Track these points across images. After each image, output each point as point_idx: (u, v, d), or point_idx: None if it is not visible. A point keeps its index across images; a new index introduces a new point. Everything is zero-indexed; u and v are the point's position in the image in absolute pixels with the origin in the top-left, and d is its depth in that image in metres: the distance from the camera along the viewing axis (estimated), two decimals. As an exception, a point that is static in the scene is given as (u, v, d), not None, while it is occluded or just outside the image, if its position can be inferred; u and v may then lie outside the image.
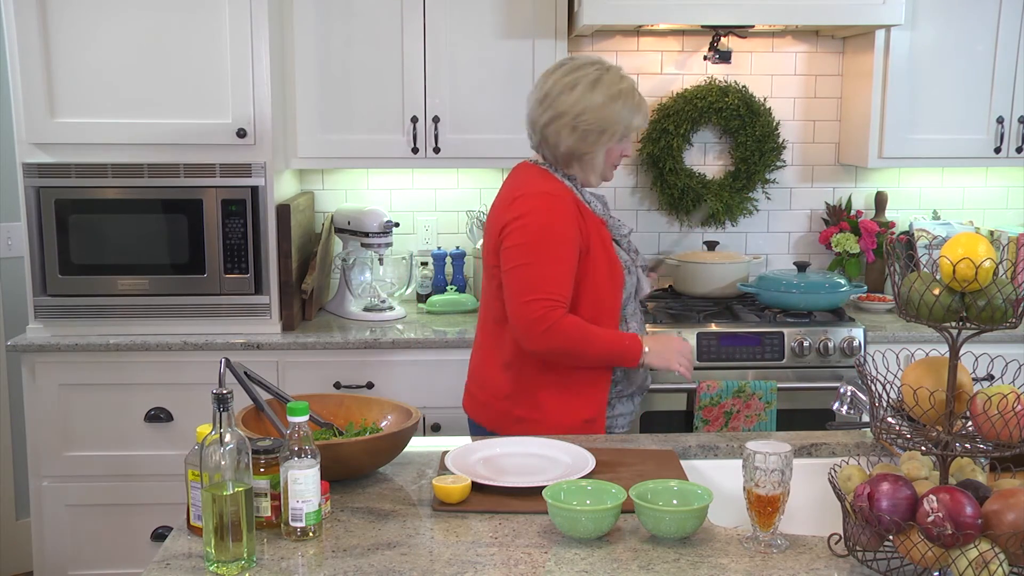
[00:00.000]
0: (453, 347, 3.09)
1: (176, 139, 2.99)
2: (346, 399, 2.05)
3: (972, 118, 3.35)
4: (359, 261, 3.39)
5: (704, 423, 3.02)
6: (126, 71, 2.96)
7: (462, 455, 1.92)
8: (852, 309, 3.44)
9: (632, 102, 2.28)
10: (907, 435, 1.51)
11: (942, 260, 1.44)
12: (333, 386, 3.07)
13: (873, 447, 2.04)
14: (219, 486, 1.49)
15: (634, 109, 2.28)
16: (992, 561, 1.34)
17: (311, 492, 1.58)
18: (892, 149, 3.36)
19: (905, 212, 3.72)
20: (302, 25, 3.19)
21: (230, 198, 3.01)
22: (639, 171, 3.68)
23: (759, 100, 3.59)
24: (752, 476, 1.58)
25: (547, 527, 1.65)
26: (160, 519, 3.09)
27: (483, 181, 3.64)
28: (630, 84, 2.30)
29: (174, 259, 3.04)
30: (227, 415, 1.50)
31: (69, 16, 2.92)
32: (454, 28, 3.23)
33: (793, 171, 3.71)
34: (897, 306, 1.52)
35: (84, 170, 2.98)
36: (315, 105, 3.24)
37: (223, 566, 1.49)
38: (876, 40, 3.31)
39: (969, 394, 1.51)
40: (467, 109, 3.27)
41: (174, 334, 3.05)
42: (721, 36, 3.41)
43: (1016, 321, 1.45)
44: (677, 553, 1.56)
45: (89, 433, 3.05)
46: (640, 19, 3.18)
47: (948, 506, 1.35)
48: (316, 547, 1.59)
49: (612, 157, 2.33)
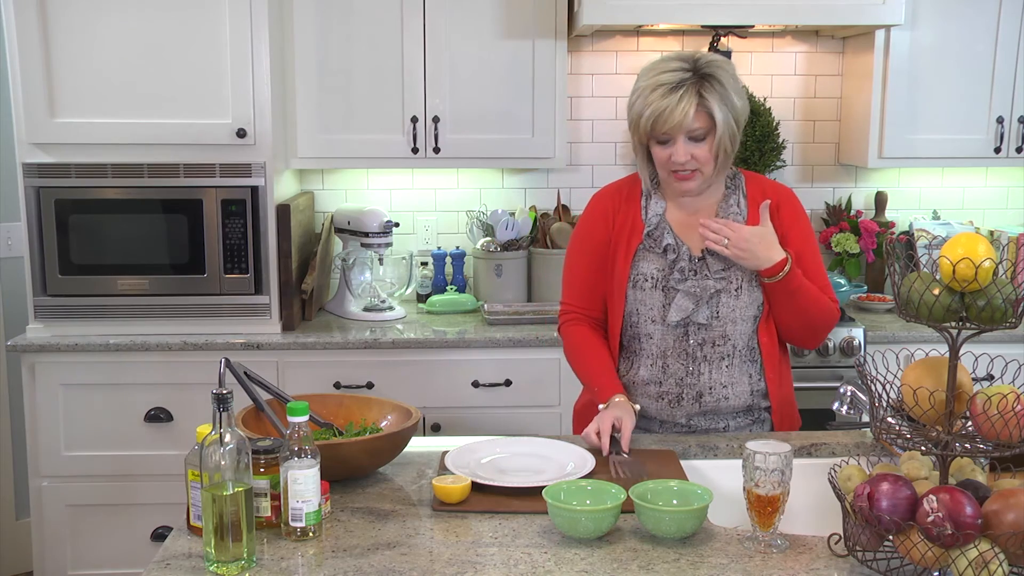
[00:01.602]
0: (453, 347, 3.09)
1: (176, 139, 2.99)
2: (346, 399, 2.05)
3: (972, 118, 3.35)
4: (359, 261, 3.39)
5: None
6: (126, 71, 2.96)
7: (462, 455, 1.92)
8: (852, 309, 3.44)
9: (640, 92, 2.04)
10: (907, 435, 1.51)
11: (942, 260, 1.43)
12: (333, 386, 3.07)
13: (873, 447, 2.04)
14: (219, 486, 1.49)
15: (639, 99, 2.04)
16: (992, 561, 1.34)
17: (311, 492, 1.58)
18: (892, 149, 3.36)
19: (905, 212, 3.72)
20: (302, 25, 3.19)
21: (230, 198, 3.01)
22: (639, 171, 3.67)
23: (759, 100, 3.58)
24: (752, 476, 1.58)
25: (547, 527, 1.65)
26: (160, 519, 3.09)
27: (483, 181, 3.64)
28: (655, 74, 2.03)
29: (174, 259, 3.04)
30: (227, 415, 1.50)
31: (69, 16, 2.92)
32: (454, 28, 3.23)
33: (793, 171, 3.71)
34: (897, 306, 1.52)
35: (84, 170, 2.98)
36: (315, 105, 3.24)
37: (223, 566, 1.49)
38: (876, 40, 3.31)
39: (969, 394, 1.50)
40: (467, 109, 3.26)
41: (174, 334, 3.05)
42: (721, 36, 3.41)
43: (1016, 321, 1.45)
44: (677, 553, 1.56)
45: (89, 433, 3.05)
46: (640, 19, 3.18)
47: (948, 506, 1.35)
48: (316, 547, 1.59)
49: (658, 159, 2.08)
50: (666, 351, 2.13)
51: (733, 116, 2.03)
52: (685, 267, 2.11)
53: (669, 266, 2.11)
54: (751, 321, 2.12)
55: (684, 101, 1.98)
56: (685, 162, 2.03)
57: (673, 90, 1.99)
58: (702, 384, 2.13)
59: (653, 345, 2.14)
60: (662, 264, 2.12)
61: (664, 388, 2.14)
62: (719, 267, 2.10)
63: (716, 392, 2.13)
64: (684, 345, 2.12)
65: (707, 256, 2.11)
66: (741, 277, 2.10)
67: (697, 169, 2.06)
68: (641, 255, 2.14)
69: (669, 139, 2.03)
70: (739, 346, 2.13)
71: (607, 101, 3.63)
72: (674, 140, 2.02)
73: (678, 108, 1.98)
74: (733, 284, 2.10)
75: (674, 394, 2.14)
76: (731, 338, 2.11)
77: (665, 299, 2.11)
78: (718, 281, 2.09)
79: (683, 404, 2.14)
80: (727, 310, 2.10)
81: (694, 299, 2.09)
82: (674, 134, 2.01)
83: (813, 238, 2.20)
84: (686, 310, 2.09)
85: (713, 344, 2.11)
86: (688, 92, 1.99)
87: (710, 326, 2.10)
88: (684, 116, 1.98)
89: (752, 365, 2.15)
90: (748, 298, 2.10)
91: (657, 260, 2.13)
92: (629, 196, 2.20)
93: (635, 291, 2.13)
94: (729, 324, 2.11)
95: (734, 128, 2.04)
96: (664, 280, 2.11)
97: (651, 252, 2.13)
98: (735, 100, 2.03)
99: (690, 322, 2.10)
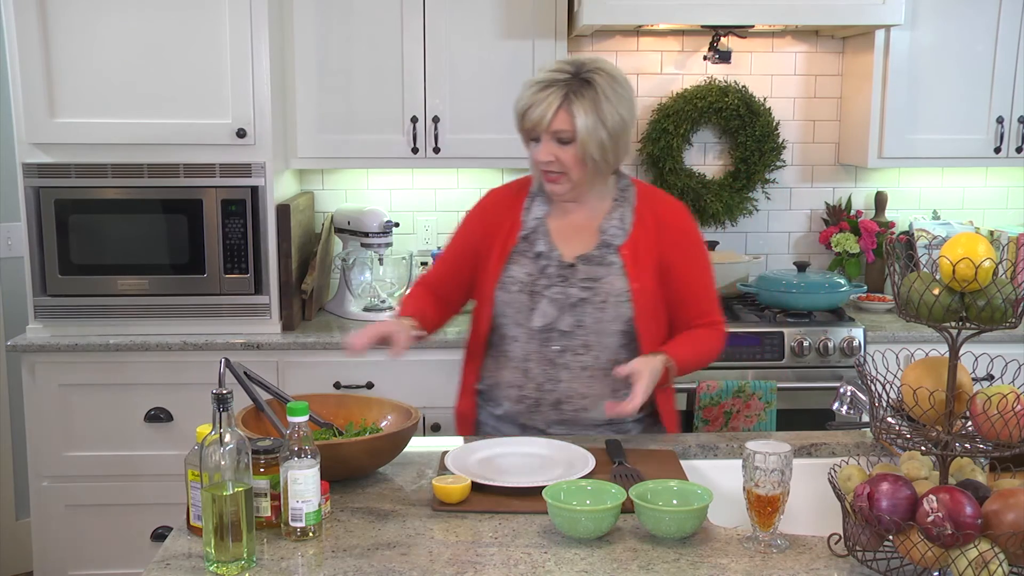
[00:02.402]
0: (453, 347, 3.08)
1: (176, 139, 2.99)
2: (346, 399, 2.05)
3: (972, 118, 3.35)
4: (359, 261, 3.39)
5: (704, 423, 3.02)
6: (126, 71, 2.96)
7: (462, 455, 1.92)
8: (852, 309, 3.44)
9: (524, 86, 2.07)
10: (907, 435, 1.51)
11: (942, 260, 1.43)
12: (333, 386, 3.07)
13: (873, 447, 2.04)
14: (219, 486, 1.49)
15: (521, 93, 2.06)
16: (992, 561, 1.34)
17: (311, 492, 1.58)
18: (892, 149, 3.36)
19: (905, 212, 3.72)
20: (302, 25, 3.19)
21: (230, 198, 3.01)
22: (639, 171, 3.68)
23: (759, 100, 3.59)
24: (752, 476, 1.58)
25: (547, 527, 1.65)
26: (160, 519, 3.09)
27: (483, 181, 3.63)
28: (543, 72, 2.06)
29: (174, 259, 3.04)
30: (227, 415, 1.50)
31: (69, 16, 2.92)
32: (454, 28, 3.23)
33: (793, 171, 3.71)
34: (897, 306, 1.52)
35: (84, 170, 2.98)
36: (315, 105, 3.24)
37: (223, 566, 1.49)
38: (876, 40, 3.31)
39: (969, 394, 1.51)
40: (467, 109, 3.27)
41: (174, 334, 3.05)
42: (721, 36, 3.41)
43: (1016, 321, 1.45)
44: (677, 553, 1.56)
45: (89, 433, 3.05)
46: (640, 19, 3.18)
47: (948, 506, 1.35)
48: (316, 547, 1.59)
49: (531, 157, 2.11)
50: (529, 355, 2.12)
51: (605, 126, 2.01)
52: (553, 273, 2.10)
53: (538, 271, 2.11)
54: (617, 336, 2.11)
55: (547, 101, 2.00)
56: (549, 162, 2.04)
57: (544, 88, 2.01)
58: (561, 391, 2.11)
59: (517, 348, 2.14)
60: (532, 269, 2.11)
61: (524, 392, 2.14)
62: (587, 276, 2.09)
63: (575, 402, 2.12)
64: (546, 351, 2.11)
65: (578, 264, 2.10)
66: (609, 291, 2.08)
67: (563, 172, 2.05)
68: (514, 258, 2.14)
69: (537, 137, 2.05)
70: (602, 358, 2.11)
71: (607, 101, 3.63)
72: (540, 138, 2.04)
73: (540, 106, 2.00)
74: (599, 296, 2.09)
75: (533, 399, 2.13)
76: (593, 349, 2.10)
77: (531, 303, 2.10)
78: (583, 290, 2.08)
79: (541, 410, 2.13)
80: (591, 320, 2.09)
81: (558, 306, 2.08)
82: (538, 131, 2.03)
83: (702, 257, 2.19)
84: (549, 316, 2.08)
85: (575, 353, 2.10)
86: (555, 93, 2.00)
87: (573, 334, 2.09)
88: (543, 116, 2.00)
89: (618, 380, 2.06)
90: (614, 312, 2.09)
91: (528, 264, 2.12)
92: (516, 196, 2.21)
93: (503, 293, 2.13)
94: (593, 335, 2.09)
95: (603, 138, 2.02)
96: (532, 284, 2.10)
97: (523, 256, 2.13)
98: (608, 111, 2.01)
99: (553, 328, 2.09)
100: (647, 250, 2.11)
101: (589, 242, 2.12)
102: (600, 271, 2.09)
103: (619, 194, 2.16)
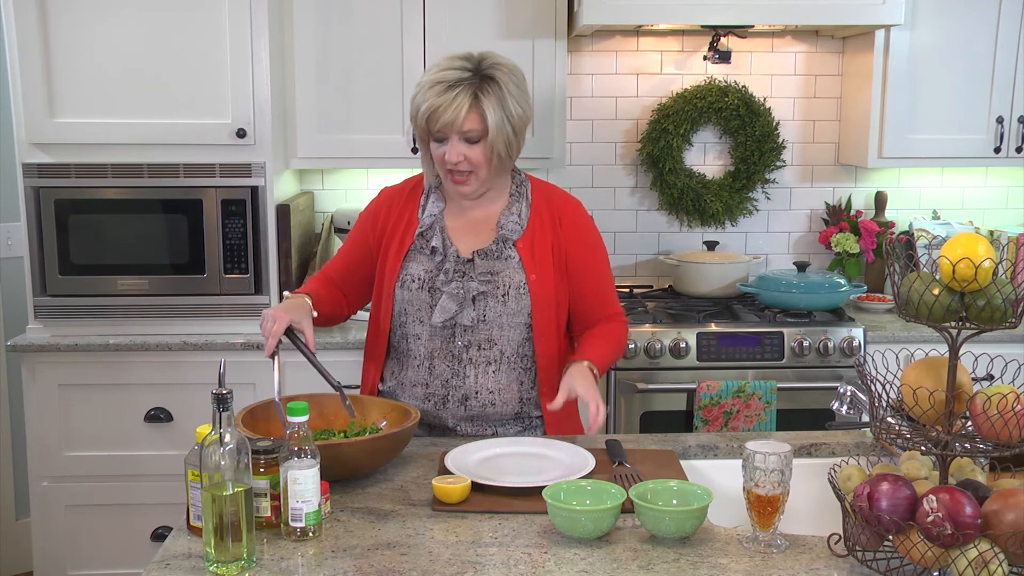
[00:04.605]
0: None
1: (176, 139, 2.99)
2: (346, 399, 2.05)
3: (972, 118, 3.35)
4: (359, 261, 3.38)
5: (704, 423, 3.02)
6: (126, 71, 2.96)
7: (462, 455, 1.92)
8: (852, 309, 3.44)
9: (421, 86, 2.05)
10: (907, 435, 1.51)
11: (942, 260, 1.44)
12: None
13: (873, 447, 2.04)
14: (219, 486, 1.49)
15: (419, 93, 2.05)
16: (992, 561, 1.34)
17: (311, 492, 1.58)
18: (892, 149, 3.36)
19: (905, 212, 3.72)
20: (302, 25, 3.19)
21: (230, 198, 3.01)
22: (639, 171, 3.68)
23: (759, 100, 3.59)
24: (752, 476, 1.58)
25: (547, 527, 1.65)
26: (160, 519, 3.09)
27: (483, 181, 3.63)
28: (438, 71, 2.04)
29: (174, 259, 3.04)
30: (227, 415, 1.50)
31: (69, 16, 2.92)
32: (454, 28, 3.23)
33: (793, 171, 3.71)
34: (897, 306, 1.52)
35: (84, 170, 2.98)
36: (315, 105, 3.24)
37: (223, 566, 1.49)
38: (876, 40, 3.31)
39: (969, 394, 1.51)
40: (467, 109, 3.26)
41: (174, 334, 3.05)
42: (721, 36, 3.41)
43: (1016, 321, 1.45)
44: (677, 553, 1.56)
45: (89, 433, 3.05)
46: (640, 19, 3.18)
47: (948, 506, 1.35)
48: (316, 547, 1.59)
49: (435, 158, 2.09)
50: (433, 352, 2.12)
51: (510, 122, 2.04)
52: (451, 269, 2.10)
53: (436, 267, 2.11)
54: (521, 328, 2.12)
55: (458, 101, 2.00)
56: (458, 162, 2.04)
57: (450, 88, 2.00)
58: (467, 387, 2.12)
59: (421, 346, 2.13)
60: (430, 265, 2.12)
61: (431, 390, 2.14)
62: (485, 271, 2.10)
63: (482, 397, 2.12)
64: (451, 347, 2.11)
65: (475, 258, 2.11)
66: (508, 284, 2.09)
67: (472, 171, 2.06)
68: (412, 256, 2.14)
69: (444, 137, 2.04)
70: (507, 352, 2.12)
71: (607, 101, 3.63)
72: (448, 139, 2.03)
73: (451, 107, 1.99)
74: (500, 289, 2.09)
75: (440, 396, 2.13)
76: (498, 343, 2.11)
77: (432, 300, 2.10)
78: (483, 284, 2.08)
79: (449, 406, 2.13)
80: (493, 314, 2.09)
81: (457, 301, 2.08)
82: (447, 133, 2.03)
83: (599, 250, 2.21)
84: (449, 311, 2.08)
85: (479, 347, 2.11)
86: (463, 93, 2.00)
87: (476, 328, 2.10)
88: (456, 116, 2.00)
89: (524, 373, 2.13)
90: (516, 305, 2.10)
91: (426, 261, 2.13)
92: (411, 195, 2.21)
93: (403, 291, 2.13)
94: (496, 329, 2.10)
95: (510, 133, 2.04)
96: (431, 281, 2.11)
97: (420, 253, 2.14)
98: (513, 106, 2.04)
99: (456, 324, 2.10)
100: (543, 244, 2.13)
101: (486, 237, 2.14)
102: (498, 265, 2.10)
103: (515, 189, 2.18)
